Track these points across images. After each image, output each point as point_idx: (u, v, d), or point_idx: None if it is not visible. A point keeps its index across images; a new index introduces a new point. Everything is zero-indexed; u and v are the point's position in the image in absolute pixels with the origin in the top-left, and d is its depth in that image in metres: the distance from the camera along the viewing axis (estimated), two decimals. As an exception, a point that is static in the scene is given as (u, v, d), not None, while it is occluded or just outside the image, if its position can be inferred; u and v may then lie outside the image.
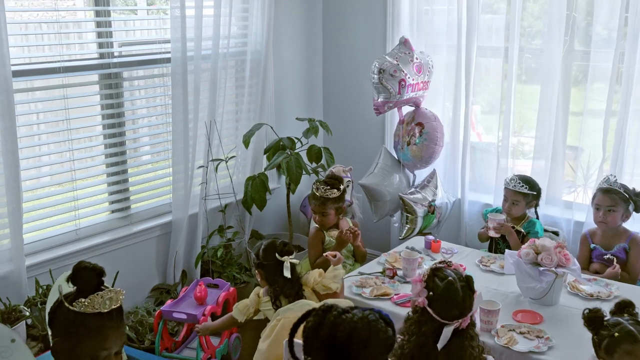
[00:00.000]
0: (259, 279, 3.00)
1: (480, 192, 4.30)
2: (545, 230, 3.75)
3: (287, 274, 2.85)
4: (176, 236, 3.86)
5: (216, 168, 3.94)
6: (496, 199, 4.05)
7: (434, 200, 4.07)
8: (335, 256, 3.00)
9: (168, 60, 3.72)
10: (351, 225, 3.68)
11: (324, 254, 3.23)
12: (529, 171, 3.99)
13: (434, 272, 2.24)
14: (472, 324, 2.26)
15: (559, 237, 3.78)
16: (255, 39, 4.20)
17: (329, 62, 4.79)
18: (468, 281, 2.22)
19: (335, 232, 3.58)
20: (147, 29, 3.94)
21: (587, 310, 2.27)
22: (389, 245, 4.43)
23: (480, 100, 4.40)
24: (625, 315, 2.23)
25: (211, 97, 3.93)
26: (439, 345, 2.14)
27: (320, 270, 2.98)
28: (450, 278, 2.19)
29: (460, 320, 2.16)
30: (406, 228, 4.03)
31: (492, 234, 3.58)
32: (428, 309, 2.17)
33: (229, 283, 3.61)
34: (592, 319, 2.25)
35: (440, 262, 2.30)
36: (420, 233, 4.03)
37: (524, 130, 4.26)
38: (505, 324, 2.76)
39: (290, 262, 2.89)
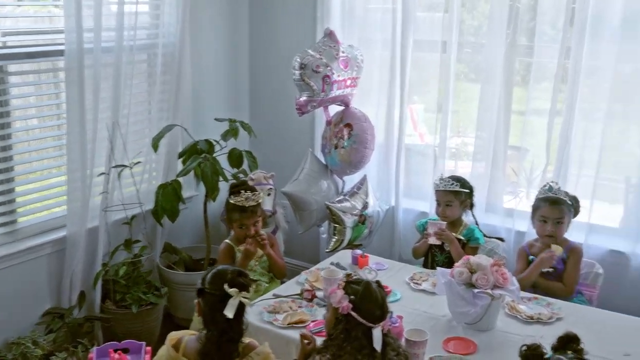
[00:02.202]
0: (196, 312, 2.31)
1: (415, 199, 3.99)
2: (489, 237, 3.50)
3: (229, 313, 2.14)
4: (72, 253, 3.42)
5: (119, 175, 3.51)
6: (433, 206, 3.71)
7: (364, 209, 3.71)
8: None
9: (62, 52, 3.27)
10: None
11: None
12: (468, 175, 3.68)
13: (348, 281, 2.21)
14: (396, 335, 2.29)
15: (504, 243, 3.54)
16: (167, 30, 3.78)
17: (256, 57, 4.41)
18: (379, 285, 2.23)
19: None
20: (38, 17, 3.48)
21: (524, 347, 1.95)
22: (318, 258, 4.07)
23: (422, 98, 4.11)
24: (569, 352, 1.89)
25: (114, 96, 3.50)
26: (377, 347, 2.09)
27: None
28: (367, 282, 2.20)
29: (383, 322, 2.13)
30: (334, 240, 3.68)
31: (432, 240, 3.32)
32: (353, 313, 2.11)
33: (143, 343, 2.95)
34: (530, 358, 1.92)
35: (349, 275, 2.27)
36: (350, 245, 3.68)
37: (464, 130, 3.98)
38: (433, 356, 2.43)
39: (241, 300, 2.19)
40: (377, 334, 2.10)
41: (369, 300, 2.13)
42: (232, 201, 3.19)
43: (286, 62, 3.67)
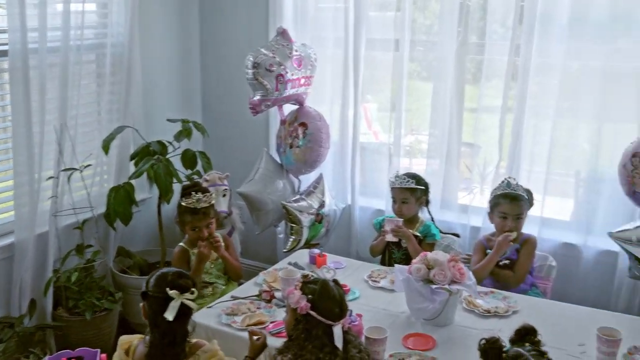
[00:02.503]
0: (142, 315, 2.22)
1: (371, 197, 3.99)
2: (445, 233, 3.52)
3: (169, 315, 2.08)
4: (21, 260, 3.30)
5: (69, 179, 3.41)
6: (389, 204, 3.72)
7: (321, 208, 3.70)
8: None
9: (5, 53, 3.16)
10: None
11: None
12: (423, 172, 3.70)
13: (305, 282, 2.21)
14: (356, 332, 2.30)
15: (459, 238, 3.57)
16: (116, 30, 3.69)
17: (207, 56, 4.35)
18: (337, 283, 2.24)
19: None
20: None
21: (483, 341, 1.95)
22: (275, 259, 4.03)
23: (376, 97, 4.11)
24: (527, 344, 1.91)
25: (62, 97, 3.40)
26: (338, 344, 2.10)
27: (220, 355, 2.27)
28: (324, 280, 2.21)
29: (343, 320, 2.14)
30: (291, 240, 3.65)
31: (389, 238, 3.31)
32: (312, 312, 2.11)
33: (97, 350, 2.84)
34: (489, 351, 1.92)
35: (305, 275, 2.29)
36: (308, 244, 3.66)
37: (417, 128, 4.00)
38: (393, 353, 2.42)
39: (183, 302, 2.11)
40: (337, 331, 2.11)
41: (327, 299, 2.13)
42: (183, 203, 3.13)
43: (239, 61, 3.62)
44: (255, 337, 2.35)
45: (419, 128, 4.00)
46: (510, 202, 3.14)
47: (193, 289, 2.15)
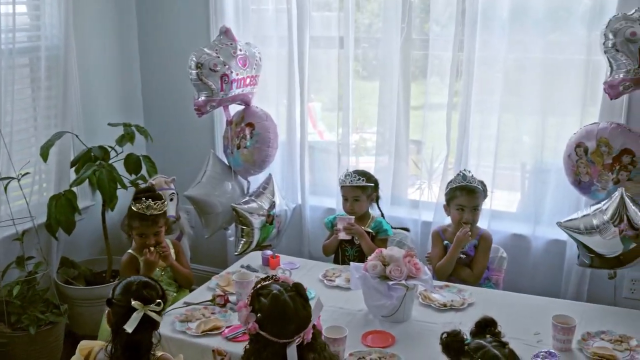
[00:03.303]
0: (106, 321, 2.15)
1: (321, 196, 3.96)
2: (395, 228, 3.52)
3: (129, 327, 1.98)
4: (-43, 275, 3.14)
5: (5, 188, 3.25)
6: (339, 203, 3.69)
7: (272, 209, 3.64)
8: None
9: None
10: (169, 243, 3.17)
11: None
12: (372, 169, 3.70)
13: (258, 291, 1.97)
14: (318, 333, 2.04)
15: (410, 233, 3.58)
16: (50, 32, 3.55)
17: (147, 57, 4.24)
18: (298, 289, 1.98)
19: None
20: None
21: (445, 335, 1.92)
22: (226, 263, 3.97)
23: (319, 96, 4.07)
24: (488, 336, 1.90)
25: (-5, 103, 3.25)
26: None
27: None
28: (275, 292, 1.94)
29: (301, 335, 1.92)
30: (242, 242, 3.58)
31: (342, 236, 3.29)
32: (262, 332, 1.90)
33: None
34: (451, 345, 1.89)
35: (264, 278, 2.03)
36: (259, 246, 3.60)
37: (361, 126, 3.99)
38: (353, 352, 2.39)
39: (147, 314, 2.02)
40: (290, 353, 1.90)
41: (277, 316, 1.91)
42: (133, 208, 3.03)
43: (181, 62, 3.54)
44: (219, 358, 2.25)
45: (362, 125, 3.99)
46: (467, 195, 3.17)
47: (159, 300, 2.06)
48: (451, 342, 1.89)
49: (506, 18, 3.31)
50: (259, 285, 2.00)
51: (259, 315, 1.90)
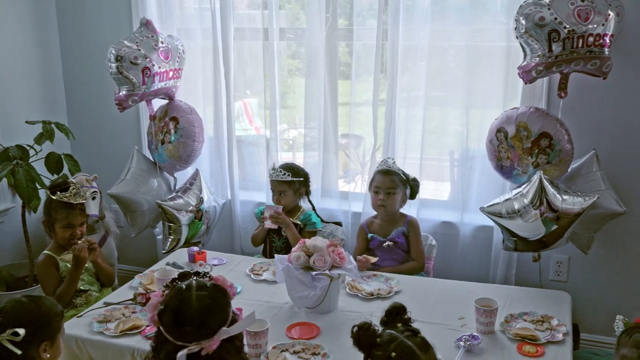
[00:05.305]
0: None
1: (252, 190, 3.90)
2: (327, 222, 3.51)
3: None
4: None
5: None
6: (270, 196, 3.65)
7: (200, 204, 3.56)
8: None
9: None
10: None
11: None
12: (303, 163, 3.66)
13: (171, 283, 1.77)
14: (236, 349, 1.74)
15: (342, 227, 3.56)
16: (-40, 27, 3.39)
17: (68, 51, 4.09)
18: (213, 293, 1.72)
19: (69, 256, 2.92)
20: None
21: (355, 328, 1.81)
22: (156, 262, 3.83)
23: (253, 93, 4.02)
24: (399, 325, 1.82)
25: None
26: None
27: None
28: (182, 286, 1.72)
29: (200, 343, 1.64)
30: (170, 239, 3.49)
31: (268, 224, 3.27)
32: (160, 327, 1.70)
33: None
34: (362, 338, 1.79)
35: (187, 273, 1.82)
36: (188, 243, 3.52)
37: (292, 120, 3.97)
38: (277, 344, 2.36)
39: (9, 339, 1.84)
40: (179, 358, 1.64)
41: (175, 311, 1.68)
42: (55, 197, 2.91)
43: (102, 55, 3.42)
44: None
45: (294, 120, 3.95)
46: (382, 176, 3.19)
47: (17, 330, 1.85)
48: (363, 335, 1.79)
49: (428, 6, 3.31)
50: (179, 274, 1.83)
51: (161, 306, 1.70)
